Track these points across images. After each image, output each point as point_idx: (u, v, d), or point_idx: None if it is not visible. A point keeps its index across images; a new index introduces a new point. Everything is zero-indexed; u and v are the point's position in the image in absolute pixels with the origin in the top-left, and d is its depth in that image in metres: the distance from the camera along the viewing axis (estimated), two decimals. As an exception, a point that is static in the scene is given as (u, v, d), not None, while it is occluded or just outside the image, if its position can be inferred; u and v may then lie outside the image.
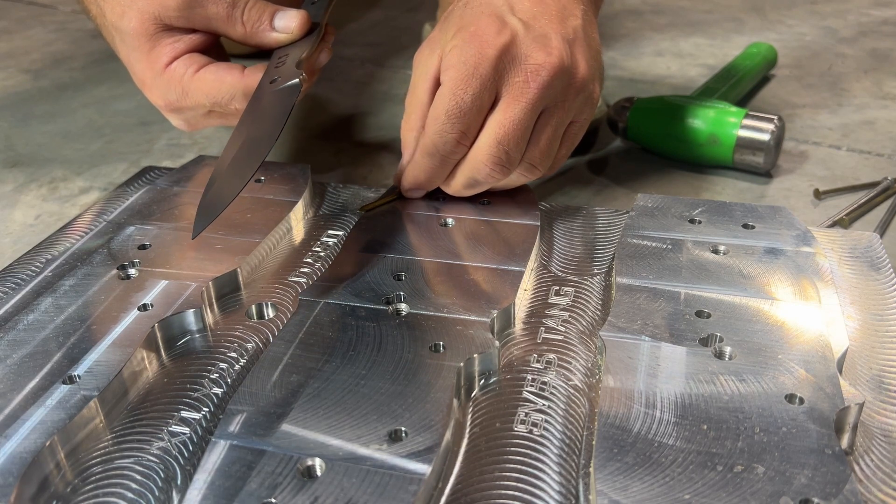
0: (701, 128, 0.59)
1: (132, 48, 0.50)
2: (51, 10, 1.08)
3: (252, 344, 0.40)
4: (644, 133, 0.62)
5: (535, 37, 0.43)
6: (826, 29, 0.92)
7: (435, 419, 0.33)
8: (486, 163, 0.44)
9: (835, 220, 0.52)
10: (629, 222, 0.47)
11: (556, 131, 0.46)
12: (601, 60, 0.48)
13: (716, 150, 0.59)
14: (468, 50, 0.43)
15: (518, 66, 0.43)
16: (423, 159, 0.46)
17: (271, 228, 0.48)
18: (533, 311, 0.42)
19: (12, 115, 0.75)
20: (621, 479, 0.29)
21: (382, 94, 0.77)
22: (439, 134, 0.44)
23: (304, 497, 0.29)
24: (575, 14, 0.46)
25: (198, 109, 0.51)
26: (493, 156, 0.44)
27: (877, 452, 0.33)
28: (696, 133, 0.59)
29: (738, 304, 0.39)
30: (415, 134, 0.47)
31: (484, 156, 0.44)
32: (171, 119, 0.54)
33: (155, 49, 0.49)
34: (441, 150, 0.45)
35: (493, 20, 0.43)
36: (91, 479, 0.32)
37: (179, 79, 0.49)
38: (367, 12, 1.04)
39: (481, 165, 0.45)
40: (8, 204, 0.59)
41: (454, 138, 0.44)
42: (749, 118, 0.58)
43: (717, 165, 0.60)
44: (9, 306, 0.42)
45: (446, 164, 0.46)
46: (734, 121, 0.58)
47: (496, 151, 0.44)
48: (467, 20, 0.44)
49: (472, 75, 0.42)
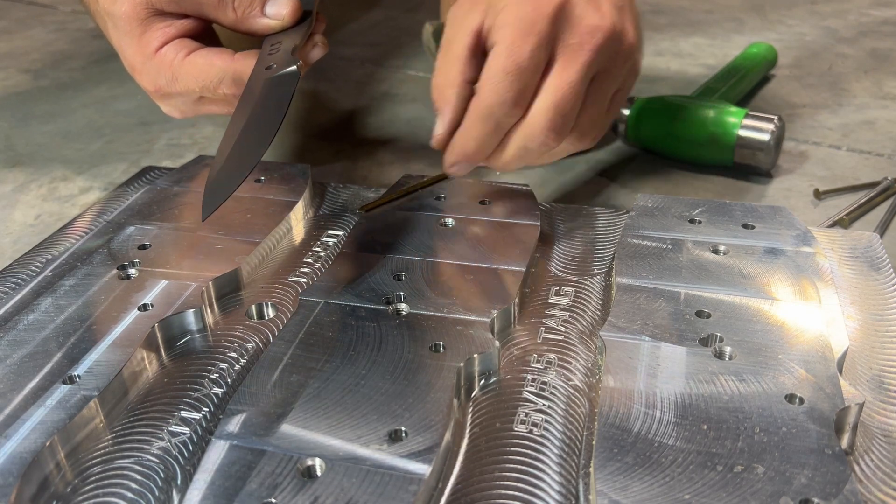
0: (701, 128, 0.59)
1: (123, 33, 0.50)
2: (51, 10, 1.08)
3: (252, 344, 0.40)
4: (644, 133, 0.62)
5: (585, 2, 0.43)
6: (826, 29, 0.92)
7: (435, 419, 0.33)
8: (543, 129, 0.42)
9: (835, 220, 0.52)
10: (629, 222, 0.47)
11: (604, 98, 0.45)
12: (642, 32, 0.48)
13: (716, 150, 0.59)
14: (524, 7, 0.42)
15: (573, 28, 0.42)
16: (474, 126, 0.44)
17: (271, 228, 0.48)
18: (533, 311, 0.42)
19: (12, 115, 0.75)
20: (621, 479, 0.29)
21: (382, 94, 0.77)
22: (496, 93, 0.42)
23: (304, 497, 0.29)
24: None
25: (188, 95, 0.51)
26: (550, 121, 0.42)
27: (877, 452, 0.33)
28: (696, 133, 0.59)
29: (738, 304, 0.39)
30: (455, 90, 0.44)
31: (540, 121, 0.42)
32: (163, 106, 0.54)
33: (146, 34, 0.49)
34: (496, 113, 0.43)
35: None
36: (91, 479, 0.32)
37: (170, 63, 0.49)
38: (367, 12, 1.04)
39: (537, 132, 0.43)
40: (8, 204, 0.59)
41: (511, 97, 0.42)
42: (749, 118, 0.58)
43: (718, 165, 0.60)
44: (9, 306, 0.42)
45: (499, 131, 0.44)
46: (734, 121, 0.58)
47: (553, 116, 0.42)
48: None
49: (530, 32, 0.41)
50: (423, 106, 0.73)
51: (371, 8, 1.06)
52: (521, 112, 0.43)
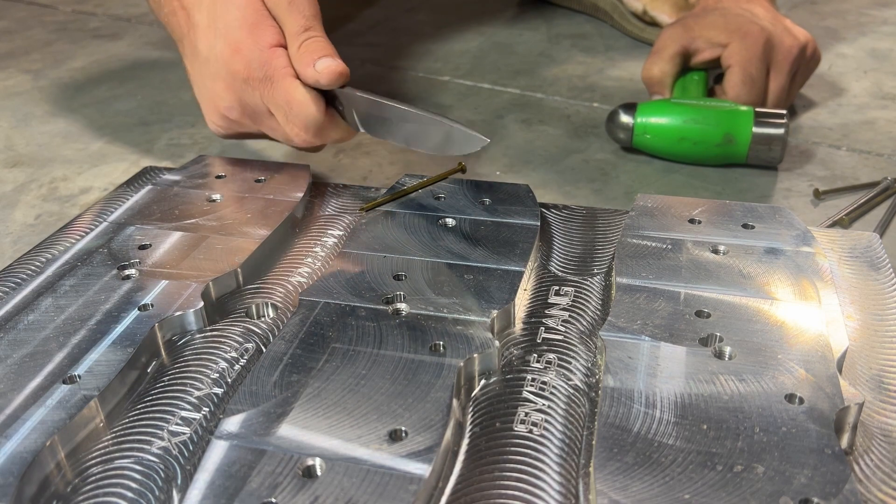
0: (715, 128, 0.59)
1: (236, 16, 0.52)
2: (51, 10, 1.08)
3: (252, 344, 0.40)
4: (652, 139, 0.61)
5: (780, 30, 0.66)
6: (826, 29, 0.92)
7: (435, 419, 0.33)
8: None
9: (835, 220, 0.52)
10: (629, 222, 0.47)
11: (798, 85, 0.69)
12: None
13: (731, 149, 0.59)
14: (746, 43, 0.64)
15: (776, 50, 0.65)
16: None
17: (271, 228, 0.48)
18: (533, 311, 0.42)
19: (12, 115, 0.75)
20: (621, 479, 0.29)
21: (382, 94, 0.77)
22: (738, 98, 0.63)
23: (304, 497, 0.29)
24: (776, 12, 0.70)
25: (264, 104, 0.52)
26: (775, 107, 0.65)
27: (877, 452, 0.33)
28: (710, 134, 0.59)
29: (738, 304, 0.39)
30: (669, 79, 0.66)
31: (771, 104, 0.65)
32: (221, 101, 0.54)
33: (260, 26, 0.51)
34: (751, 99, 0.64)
35: (752, 25, 0.65)
36: (91, 479, 0.32)
37: (276, 67, 0.50)
38: (366, 12, 1.04)
39: None
40: (8, 204, 0.59)
41: (750, 100, 0.63)
42: (760, 115, 0.58)
43: (729, 164, 0.60)
44: (9, 306, 0.42)
45: None
46: (747, 118, 0.58)
47: (774, 104, 0.65)
48: (731, 25, 0.65)
49: (754, 55, 0.64)
50: (424, 105, 0.73)
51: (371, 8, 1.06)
52: None
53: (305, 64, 0.50)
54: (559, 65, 0.84)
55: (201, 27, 0.53)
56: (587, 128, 0.69)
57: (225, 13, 0.52)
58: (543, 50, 0.88)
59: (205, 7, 0.53)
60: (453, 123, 0.47)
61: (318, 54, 0.50)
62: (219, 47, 0.52)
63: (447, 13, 1.02)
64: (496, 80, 0.80)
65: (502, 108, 0.73)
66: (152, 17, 1.02)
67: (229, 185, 0.54)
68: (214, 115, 0.55)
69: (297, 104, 0.50)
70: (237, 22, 0.51)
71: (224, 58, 0.52)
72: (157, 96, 0.78)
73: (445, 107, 0.74)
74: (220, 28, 0.52)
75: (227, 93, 0.53)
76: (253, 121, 0.54)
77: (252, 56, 0.51)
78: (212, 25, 0.53)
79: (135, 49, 0.92)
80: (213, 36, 0.52)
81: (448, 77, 0.81)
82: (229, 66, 0.51)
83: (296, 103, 0.50)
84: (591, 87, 0.78)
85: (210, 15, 0.53)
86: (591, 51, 0.87)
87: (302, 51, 0.50)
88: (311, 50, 0.50)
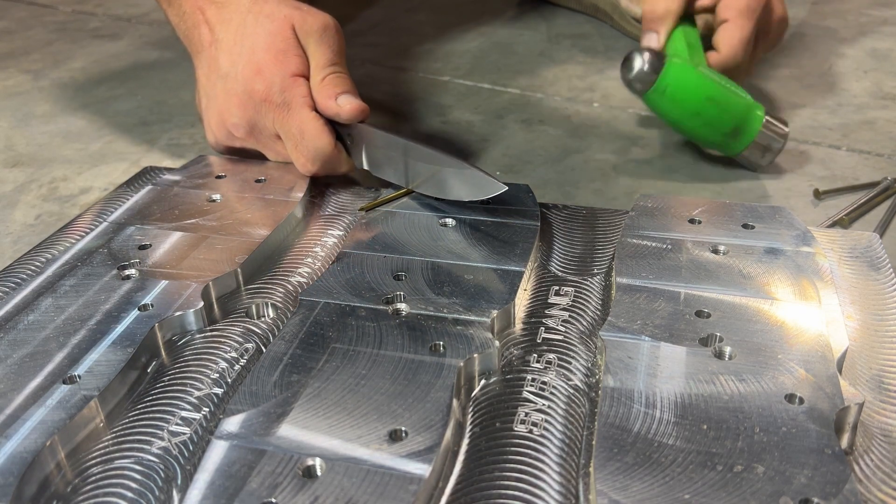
0: (730, 117, 0.57)
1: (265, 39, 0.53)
2: (51, 10, 1.08)
3: (252, 344, 0.40)
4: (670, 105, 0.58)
5: None
6: (826, 29, 0.92)
7: (435, 419, 0.33)
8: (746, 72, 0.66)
9: (835, 220, 0.52)
10: (629, 222, 0.47)
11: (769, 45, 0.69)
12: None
13: (731, 142, 0.58)
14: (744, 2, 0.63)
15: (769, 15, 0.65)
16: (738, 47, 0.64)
17: (271, 228, 0.48)
18: (533, 311, 0.42)
19: (12, 115, 0.75)
20: (621, 479, 0.29)
21: (383, 94, 0.77)
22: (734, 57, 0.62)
23: (304, 497, 0.29)
24: None
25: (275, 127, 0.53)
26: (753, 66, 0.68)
27: (877, 452, 0.33)
28: (724, 122, 0.58)
29: (738, 304, 0.39)
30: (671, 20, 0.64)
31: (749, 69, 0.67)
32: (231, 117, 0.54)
33: (287, 53, 0.53)
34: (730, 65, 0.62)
35: None
36: (91, 479, 0.32)
37: (296, 94, 0.52)
38: (367, 12, 1.04)
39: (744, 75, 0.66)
40: (8, 204, 0.59)
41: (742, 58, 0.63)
42: (770, 120, 0.58)
43: (728, 164, 0.60)
44: (9, 306, 0.42)
45: None
46: (758, 119, 0.57)
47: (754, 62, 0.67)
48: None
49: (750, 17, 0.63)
50: (424, 105, 0.73)
51: (371, 8, 1.06)
52: None
53: (327, 96, 0.52)
54: (559, 65, 0.84)
55: (225, 44, 0.54)
56: (587, 128, 0.69)
57: (254, 35, 0.53)
58: (543, 50, 0.88)
59: (233, 26, 0.54)
60: (472, 168, 0.48)
61: (340, 89, 0.52)
62: (241, 65, 0.53)
63: (447, 13, 1.02)
64: (496, 80, 0.80)
65: (502, 108, 0.73)
66: (152, 17, 1.02)
67: (229, 185, 0.54)
68: (219, 129, 0.56)
69: (309, 134, 0.52)
70: (265, 45, 0.53)
71: (245, 76, 0.53)
72: (157, 96, 0.78)
73: (445, 107, 0.74)
74: (246, 47, 0.53)
75: (240, 110, 0.54)
76: (257, 141, 0.56)
77: (274, 80, 0.52)
78: (238, 44, 0.54)
79: (135, 49, 0.92)
80: (238, 54, 0.53)
81: (448, 77, 0.81)
82: (249, 84, 0.53)
83: (308, 133, 0.52)
84: (591, 87, 0.78)
85: (238, 34, 0.54)
86: (591, 51, 0.87)
87: (325, 83, 0.52)
88: (335, 84, 0.52)
